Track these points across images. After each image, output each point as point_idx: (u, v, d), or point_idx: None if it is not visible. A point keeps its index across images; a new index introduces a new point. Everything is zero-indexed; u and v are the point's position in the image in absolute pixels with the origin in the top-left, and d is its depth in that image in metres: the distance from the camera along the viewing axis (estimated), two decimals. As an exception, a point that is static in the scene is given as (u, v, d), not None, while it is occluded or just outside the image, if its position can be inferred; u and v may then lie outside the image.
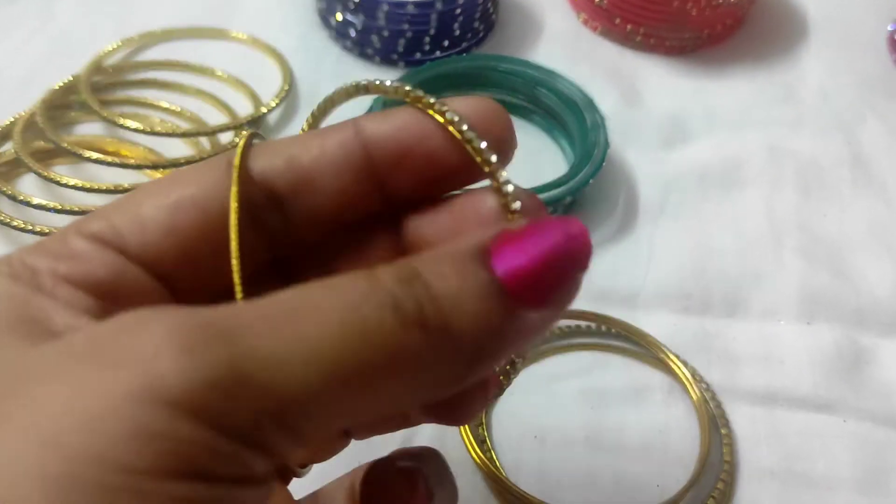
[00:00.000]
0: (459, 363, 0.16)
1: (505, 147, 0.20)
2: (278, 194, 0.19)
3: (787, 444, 0.35)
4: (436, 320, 0.16)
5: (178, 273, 0.19)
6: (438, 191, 0.20)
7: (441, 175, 0.20)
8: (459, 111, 0.19)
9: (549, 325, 0.17)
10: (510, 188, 0.19)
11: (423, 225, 0.21)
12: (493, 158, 0.19)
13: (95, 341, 0.15)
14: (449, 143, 0.19)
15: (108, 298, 0.18)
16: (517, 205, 0.19)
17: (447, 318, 0.16)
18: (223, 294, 0.19)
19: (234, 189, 0.18)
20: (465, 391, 0.19)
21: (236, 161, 0.19)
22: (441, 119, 0.19)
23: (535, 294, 0.16)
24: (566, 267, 0.16)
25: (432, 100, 0.19)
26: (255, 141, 0.20)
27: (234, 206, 0.18)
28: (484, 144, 0.19)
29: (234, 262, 0.19)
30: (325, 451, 0.23)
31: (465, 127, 0.19)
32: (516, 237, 0.17)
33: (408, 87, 0.19)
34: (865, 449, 0.35)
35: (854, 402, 0.36)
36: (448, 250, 0.17)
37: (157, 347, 0.14)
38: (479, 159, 0.19)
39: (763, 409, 0.36)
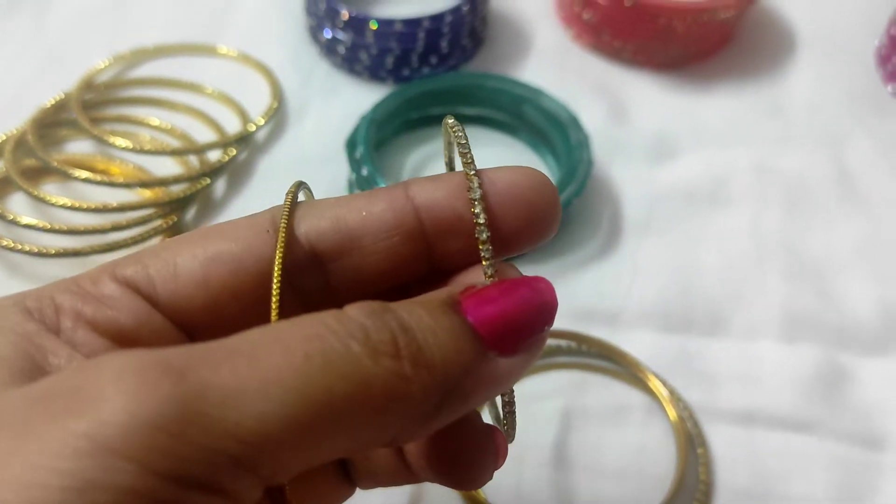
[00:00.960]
0: (432, 397, 0.16)
1: (541, 223, 0.20)
2: (321, 255, 0.20)
3: (765, 465, 0.35)
4: (409, 349, 0.16)
5: (204, 326, 0.19)
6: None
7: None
8: (498, 179, 0.19)
9: (519, 374, 0.18)
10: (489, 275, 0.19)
11: None
12: (485, 237, 0.19)
13: (52, 386, 0.15)
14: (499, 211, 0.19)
15: (127, 344, 0.18)
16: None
17: (421, 347, 0.16)
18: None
19: (278, 251, 0.19)
20: (477, 456, 0.20)
21: (282, 224, 0.19)
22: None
23: (505, 341, 0.17)
24: (534, 317, 0.18)
25: (469, 160, 0.19)
26: (302, 195, 0.21)
27: (277, 268, 0.19)
28: (485, 233, 0.19)
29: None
30: (329, 500, 0.23)
31: (477, 210, 0.19)
32: (486, 290, 0.18)
33: (462, 141, 0.20)
34: (843, 470, 0.35)
35: (833, 423, 0.37)
36: (421, 298, 0.17)
37: (103, 388, 0.14)
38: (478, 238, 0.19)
39: (741, 428, 0.36)
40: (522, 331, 0.18)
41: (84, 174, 0.40)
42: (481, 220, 0.19)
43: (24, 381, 0.16)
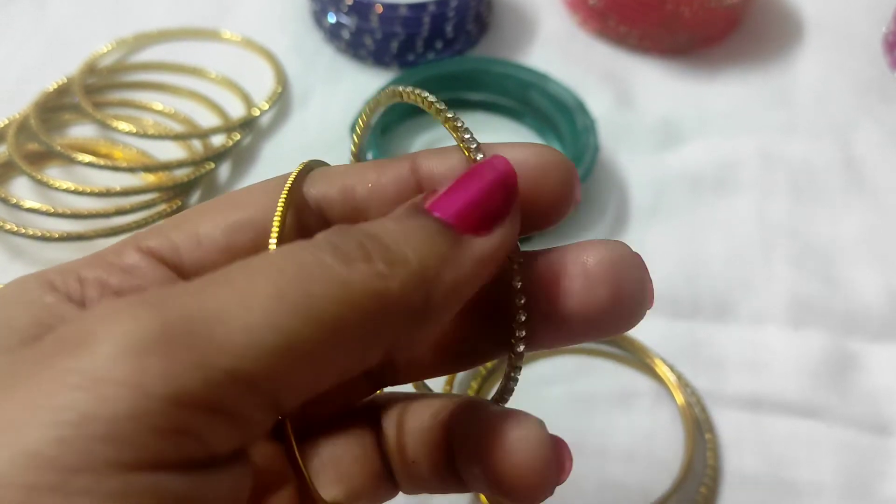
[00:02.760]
0: (414, 292, 0.16)
1: (560, 201, 0.19)
2: (330, 221, 0.20)
3: (772, 450, 0.35)
4: (378, 251, 0.16)
5: None
6: None
7: None
8: (520, 158, 0.19)
9: (502, 251, 0.18)
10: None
11: None
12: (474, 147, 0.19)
13: (46, 339, 0.15)
14: None
15: None
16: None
17: (389, 247, 0.16)
18: None
19: (277, 217, 0.19)
20: (538, 469, 0.19)
21: (284, 193, 0.19)
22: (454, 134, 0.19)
23: (475, 222, 0.17)
24: (497, 192, 0.17)
25: (458, 123, 0.19)
26: (318, 167, 0.21)
27: (276, 227, 0.19)
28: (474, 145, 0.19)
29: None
30: (369, 498, 0.22)
31: (467, 136, 0.19)
32: (445, 192, 0.18)
33: (440, 106, 0.20)
34: (850, 456, 0.35)
35: (840, 409, 0.36)
36: (385, 216, 0.17)
37: (91, 327, 0.14)
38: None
39: (749, 414, 0.36)
40: (490, 208, 0.17)
41: (87, 158, 0.40)
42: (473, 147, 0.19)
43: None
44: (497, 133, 0.47)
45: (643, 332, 0.38)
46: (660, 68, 0.51)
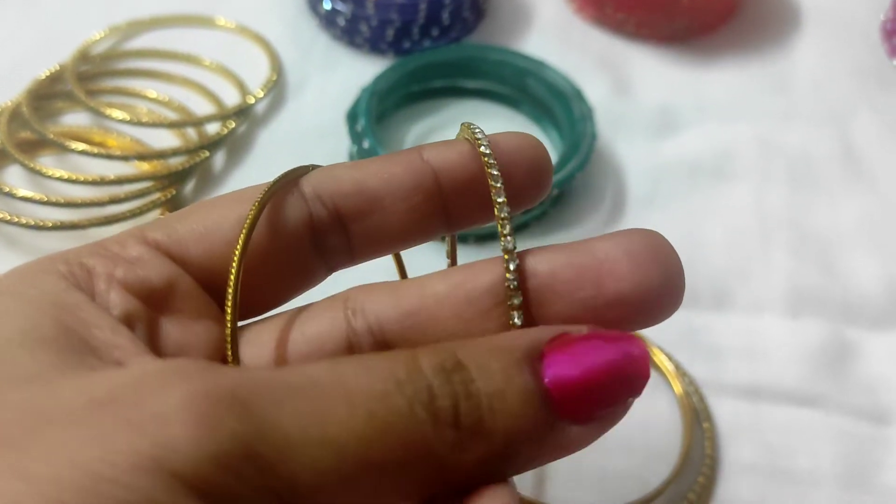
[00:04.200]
0: (489, 465, 0.16)
1: (533, 185, 0.20)
2: (344, 217, 0.20)
3: (770, 439, 0.35)
4: (469, 419, 0.15)
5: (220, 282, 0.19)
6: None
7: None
8: (499, 143, 0.19)
9: (591, 441, 0.17)
10: (509, 242, 0.18)
11: None
12: (502, 202, 0.19)
13: (116, 392, 0.15)
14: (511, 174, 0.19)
15: (157, 305, 0.19)
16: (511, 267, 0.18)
17: (482, 418, 0.15)
18: (267, 305, 0.20)
19: (239, 247, 0.19)
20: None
21: (250, 217, 0.19)
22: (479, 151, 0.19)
23: (580, 409, 0.16)
24: (619, 388, 0.16)
25: (476, 131, 0.20)
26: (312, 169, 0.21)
27: (236, 265, 0.19)
28: (501, 197, 0.19)
29: (230, 320, 0.19)
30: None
31: (494, 171, 0.19)
32: (573, 344, 0.16)
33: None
34: (849, 444, 0.35)
35: (838, 397, 0.36)
36: (500, 344, 0.16)
37: (173, 413, 0.14)
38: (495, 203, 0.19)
39: (747, 403, 0.36)
40: (603, 401, 0.16)
41: (81, 146, 0.40)
42: (498, 185, 0.19)
43: (75, 361, 0.16)
44: (494, 121, 0.46)
45: (641, 320, 0.38)
46: (657, 55, 0.51)
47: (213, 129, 0.43)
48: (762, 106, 0.48)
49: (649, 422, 0.35)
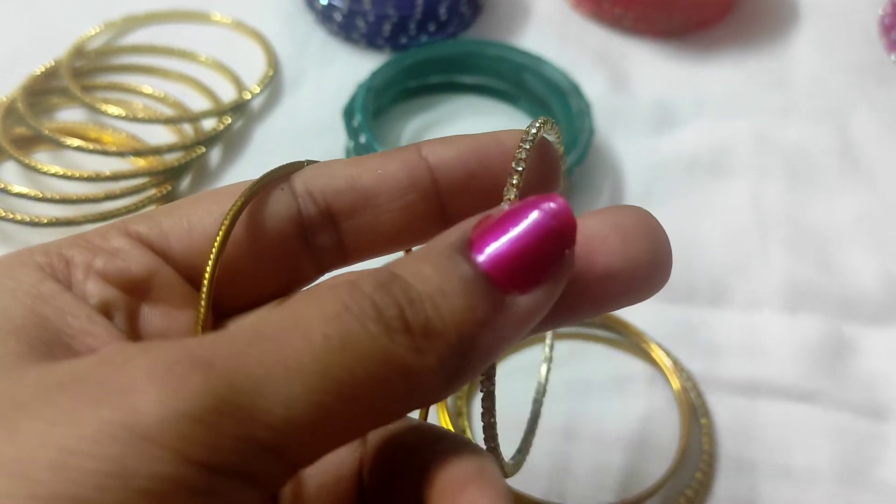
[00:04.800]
0: (450, 361, 0.16)
1: (545, 177, 0.20)
2: (336, 213, 0.20)
3: (768, 435, 0.35)
4: (417, 322, 0.15)
5: (217, 281, 0.19)
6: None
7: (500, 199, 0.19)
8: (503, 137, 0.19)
9: (544, 308, 0.17)
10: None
11: None
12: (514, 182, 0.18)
13: (78, 373, 0.15)
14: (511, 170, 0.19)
15: (137, 295, 0.19)
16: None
17: (428, 318, 0.15)
18: (255, 303, 0.20)
19: (218, 238, 0.19)
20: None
21: (232, 209, 0.19)
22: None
23: (522, 278, 0.16)
24: (551, 245, 0.16)
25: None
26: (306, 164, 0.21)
27: (217, 248, 0.19)
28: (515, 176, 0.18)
29: (203, 307, 0.19)
30: None
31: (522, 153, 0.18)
32: (497, 222, 0.16)
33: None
34: (846, 440, 0.35)
35: (836, 393, 0.36)
36: (429, 245, 0.17)
37: (134, 381, 0.14)
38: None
39: (744, 399, 0.36)
40: (541, 263, 0.16)
41: (76, 142, 0.40)
42: (522, 156, 0.18)
43: (44, 351, 0.16)
44: (492, 117, 0.46)
45: (638, 316, 0.38)
46: (655, 51, 0.51)
47: (209, 124, 0.43)
48: (760, 102, 0.48)
49: (647, 417, 0.35)
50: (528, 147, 0.18)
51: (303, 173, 0.20)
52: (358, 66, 0.47)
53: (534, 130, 0.19)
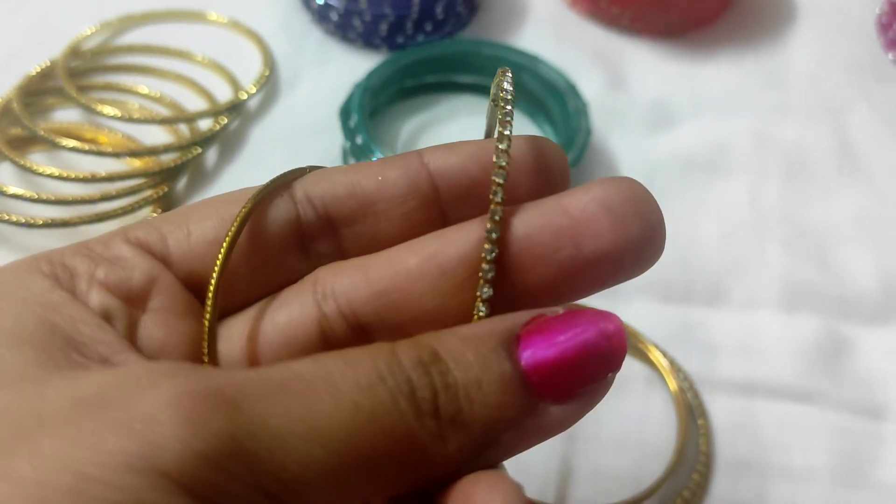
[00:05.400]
0: (468, 452, 0.16)
1: (551, 183, 0.20)
2: (335, 220, 0.20)
3: (765, 435, 0.35)
4: (448, 409, 0.15)
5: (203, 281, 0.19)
6: None
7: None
8: (516, 145, 0.19)
9: (572, 422, 0.17)
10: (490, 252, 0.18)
11: None
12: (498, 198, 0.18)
13: (105, 392, 0.15)
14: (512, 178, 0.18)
15: (138, 303, 0.19)
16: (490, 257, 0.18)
17: (460, 408, 0.15)
18: (246, 303, 0.20)
19: (224, 246, 0.19)
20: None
21: (238, 218, 0.19)
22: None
23: (559, 389, 0.16)
24: (596, 366, 0.16)
25: (507, 131, 0.18)
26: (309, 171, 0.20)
27: (217, 273, 0.19)
28: (498, 191, 0.18)
29: (208, 319, 0.19)
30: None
31: (502, 162, 0.18)
32: (548, 325, 0.16)
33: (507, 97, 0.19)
34: (844, 440, 0.35)
35: (833, 393, 0.36)
36: (476, 332, 0.16)
37: (162, 413, 0.14)
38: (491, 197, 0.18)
39: (742, 399, 0.36)
40: (581, 380, 0.16)
41: (72, 143, 0.39)
42: (499, 180, 0.18)
43: (60, 359, 0.16)
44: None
45: (635, 316, 0.38)
46: (652, 50, 0.51)
47: (205, 125, 0.43)
48: (757, 100, 0.48)
49: (644, 418, 0.35)
50: (505, 146, 0.18)
51: (303, 180, 0.20)
52: (354, 66, 0.46)
53: (507, 132, 0.18)
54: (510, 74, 0.19)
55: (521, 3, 0.53)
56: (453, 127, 0.46)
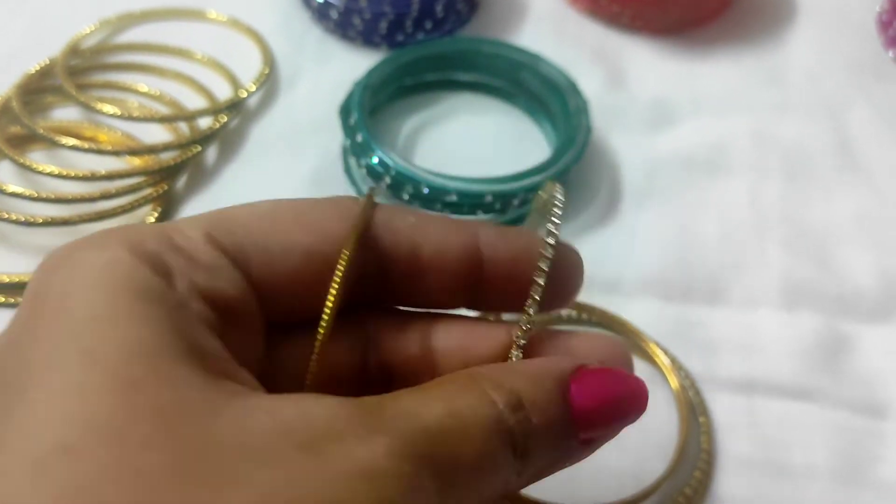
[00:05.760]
0: (523, 480, 0.18)
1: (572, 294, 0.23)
2: (389, 270, 0.21)
3: (766, 433, 0.35)
4: (526, 448, 0.18)
5: (280, 300, 0.20)
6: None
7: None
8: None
9: (590, 454, 0.20)
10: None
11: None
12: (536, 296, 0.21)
13: (317, 436, 0.15)
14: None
15: (226, 315, 0.18)
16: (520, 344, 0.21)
17: (535, 447, 0.18)
18: (307, 323, 0.20)
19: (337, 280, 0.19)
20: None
21: (351, 243, 0.20)
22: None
23: (594, 431, 0.19)
24: (622, 417, 0.20)
25: (554, 228, 0.21)
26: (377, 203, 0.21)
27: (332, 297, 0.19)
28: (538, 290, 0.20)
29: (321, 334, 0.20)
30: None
31: (545, 266, 0.21)
32: (591, 377, 0.19)
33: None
34: (844, 438, 0.35)
35: (834, 391, 0.36)
36: (538, 373, 0.19)
37: (380, 461, 0.15)
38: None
39: (742, 397, 0.36)
40: (608, 426, 0.19)
41: (71, 141, 0.39)
42: (541, 283, 0.21)
43: (205, 377, 0.16)
44: (489, 115, 0.46)
45: (636, 314, 0.38)
46: (652, 48, 0.51)
47: (205, 123, 0.43)
48: (757, 99, 0.48)
49: (645, 417, 0.35)
50: (546, 266, 0.21)
51: (375, 225, 0.21)
52: (354, 64, 0.46)
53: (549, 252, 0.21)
54: (560, 190, 0.22)
55: (521, 1, 0.53)
56: (453, 125, 0.46)
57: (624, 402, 0.19)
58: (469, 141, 0.45)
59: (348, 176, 0.42)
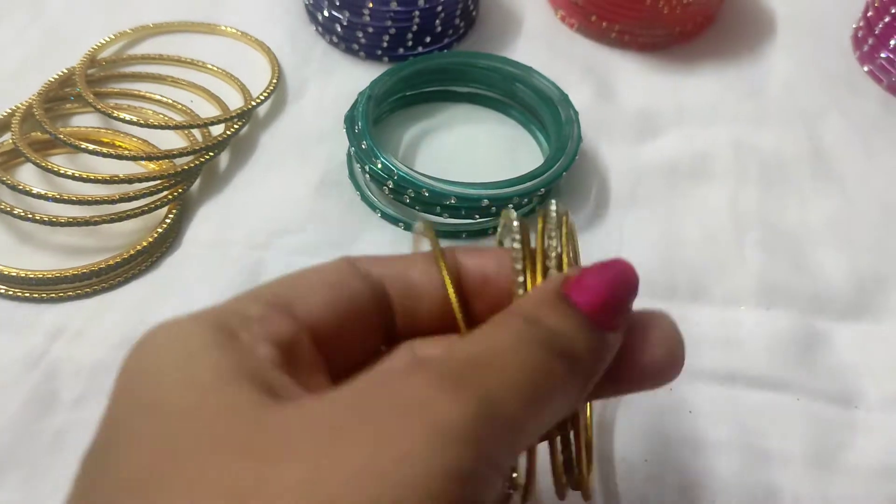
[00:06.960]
0: (582, 380, 0.20)
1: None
2: (393, 300, 0.24)
3: (745, 422, 0.37)
4: (567, 351, 0.20)
5: (322, 341, 0.22)
6: None
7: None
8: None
9: (618, 345, 0.21)
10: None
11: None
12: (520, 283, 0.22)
13: (364, 398, 0.18)
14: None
15: (287, 355, 0.21)
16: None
17: (572, 349, 0.20)
18: (338, 364, 0.23)
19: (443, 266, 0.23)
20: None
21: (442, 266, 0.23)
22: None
23: (608, 320, 0.21)
24: (625, 293, 0.21)
25: (561, 250, 0.23)
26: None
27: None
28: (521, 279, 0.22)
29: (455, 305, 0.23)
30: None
31: (518, 265, 0.22)
32: (584, 279, 0.21)
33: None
34: (817, 426, 0.37)
35: (807, 383, 0.38)
36: (538, 297, 0.21)
37: (427, 391, 0.17)
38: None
39: (723, 388, 0.38)
40: (620, 308, 0.21)
41: (91, 146, 0.41)
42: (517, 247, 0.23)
43: (269, 396, 0.18)
44: (484, 125, 0.49)
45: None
46: (638, 63, 0.53)
47: (217, 130, 0.45)
48: (737, 110, 0.51)
49: (629, 409, 0.37)
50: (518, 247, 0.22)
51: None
52: (357, 76, 0.49)
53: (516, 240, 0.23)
54: (516, 222, 0.23)
55: (515, 18, 0.55)
56: (451, 133, 0.48)
57: (620, 285, 0.21)
58: (466, 149, 0.48)
59: (353, 181, 0.45)
